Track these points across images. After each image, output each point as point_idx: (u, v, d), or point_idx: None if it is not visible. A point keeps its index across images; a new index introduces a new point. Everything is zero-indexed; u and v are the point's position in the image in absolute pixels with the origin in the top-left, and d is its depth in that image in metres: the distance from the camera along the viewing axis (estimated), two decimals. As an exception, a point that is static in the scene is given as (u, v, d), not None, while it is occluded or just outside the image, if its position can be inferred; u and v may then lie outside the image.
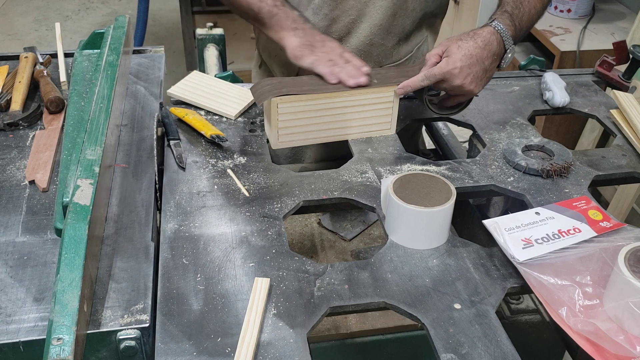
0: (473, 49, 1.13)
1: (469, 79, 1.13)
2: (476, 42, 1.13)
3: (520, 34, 1.21)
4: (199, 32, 2.22)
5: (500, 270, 0.93)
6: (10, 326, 0.82)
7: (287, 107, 1.14)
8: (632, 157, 1.21)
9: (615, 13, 2.80)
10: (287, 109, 1.14)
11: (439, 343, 0.81)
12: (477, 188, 1.11)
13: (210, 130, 1.19)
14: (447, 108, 1.25)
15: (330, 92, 1.15)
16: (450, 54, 1.13)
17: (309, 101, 1.15)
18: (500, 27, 1.15)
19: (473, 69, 1.13)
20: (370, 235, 1.42)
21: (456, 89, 1.15)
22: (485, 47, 1.13)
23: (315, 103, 1.15)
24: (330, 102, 1.16)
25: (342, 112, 1.18)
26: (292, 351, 0.79)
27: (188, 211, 1.03)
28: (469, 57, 1.12)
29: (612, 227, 0.96)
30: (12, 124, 1.22)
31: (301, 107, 1.15)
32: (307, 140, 1.20)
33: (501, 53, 1.17)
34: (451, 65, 1.12)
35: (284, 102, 1.13)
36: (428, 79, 1.14)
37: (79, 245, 0.82)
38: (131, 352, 0.82)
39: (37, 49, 1.45)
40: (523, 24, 1.21)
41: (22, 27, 4.39)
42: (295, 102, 1.14)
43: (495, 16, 1.18)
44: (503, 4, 1.22)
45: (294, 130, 1.18)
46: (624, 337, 0.80)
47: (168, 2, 4.56)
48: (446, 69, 1.12)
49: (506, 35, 1.15)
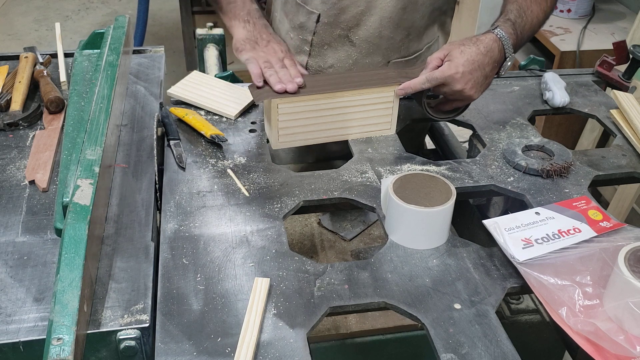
0: (475, 55, 1.13)
1: (469, 84, 1.13)
2: (478, 48, 1.13)
3: (521, 43, 1.22)
4: (199, 32, 2.22)
5: (500, 270, 0.93)
6: (10, 326, 0.82)
7: (287, 107, 1.14)
8: (632, 157, 1.21)
9: (615, 13, 2.80)
10: (287, 109, 1.15)
11: (439, 343, 0.81)
12: (477, 188, 1.11)
13: (210, 130, 1.19)
14: (444, 112, 1.25)
15: (329, 93, 1.15)
16: (453, 59, 1.13)
17: (309, 101, 1.15)
18: (502, 34, 1.15)
19: (474, 74, 1.13)
20: (370, 235, 1.42)
21: (456, 94, 1.15)
22: (487, 53, 1.14)
23: (315, 103, 1.15)
24: (330, 102, 1.16)
25: (343, 112, 1.18)
26: (292, 351, 0.79)
27: (188, 211, 1.03)
28: (471, 62, 1.12)
29: (612, 227, 0.96)
30: (12, 124, 1.22)
31: (301, 108, 1.15)
32: (307, 140, 1.20)
33: (501, 60, 1.17)
34: (453, 70, 1.12)
35: (284, 102, 1.13)
36: (429, 82, 1.14)
37: (79, 245, 0.82)
38: (131, 352, 0.82)
39: (37, 49, 1.45)
40: (524, 33, 1.21)
41: (22, 27, 4.39)
42: (295, 103, 1.14)
43: (498, 23, 1.18)
44: (507, 11, 1.21)
45: (294, 131, 1.18)
46: (624, 337, 0.80)
47: (168, 2, 4.56)
48: (448, 73, 1.12)
49: (507, 44, 1.15)
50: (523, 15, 1.20)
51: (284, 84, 1.15)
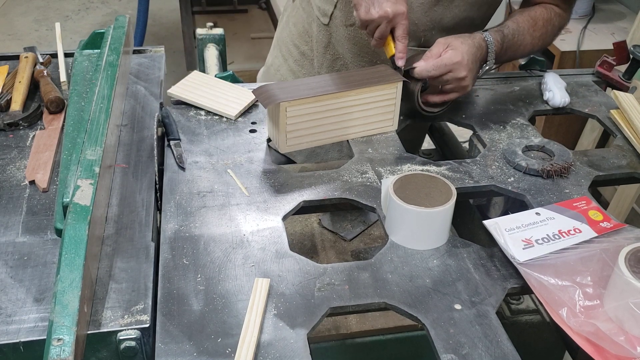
0: (472, 47, 1.19)
1: (472, 73, 1.18)
2: (473, 42, 1.19)
3: (501, 58, 1.27)
4: (199, 32, 2.22)
5: (501, 270, 0.93)
6: (10, 326, 0.82)
7: (295, 110, 1.14)
8: (632, 158, 1.21)
9: (615, 13, 2.80)
10: (295, 112, 1.14)
11: (439, 343, 0.81)
12: (478, 188, 1.11)
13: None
14: (432, 105, 1.27)
15: (335, 93, 1.15)
16: (456, 47, 1.16)
17: (315, 102, 1.15)
18: (490, 39, 1.22)
19: (474, 65, 1.18)
20: (370, 236, 1.42)
21: (456, 82, 1.18)
22: (478, 50, 1.20)
23: (322, 104, 1.15)
24: (336, 103, 1.16)
25: (348, 112, 1.19)
26: (292, 351, 0.79)
27: (188, 211, 1.03)
28: (471, 53, 1.18)
29: (613, 228, 0.96)
30: (12, 124, 1.22)
31: (308, 109, 1.15)
32: (313, 142, 1.20)
33: (483, 62, 1.23)
34: (459, 57, 1.15)
35: (292, 105, 1.13)
36: (436, 69, 1.16)
37: (79, 246, 0.82)
38: (131, 352, 0.82)
39: (37, 49, 1.45)
40: (508, 51, 1.27)
41: (22, 27, 4.39)
42: (302, 105, 1.14)
43: (490, 30, 1.24)
44: (504, 25, 1.27)
45: (301, 133, 1.18)
46: (625, 338, 0.80)
47: (168, 2, 4.56)
48: (455, 59, 1.15)
49: (492, 49, 1.22)
50: (516, 35, 1.27)
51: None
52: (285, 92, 1.13)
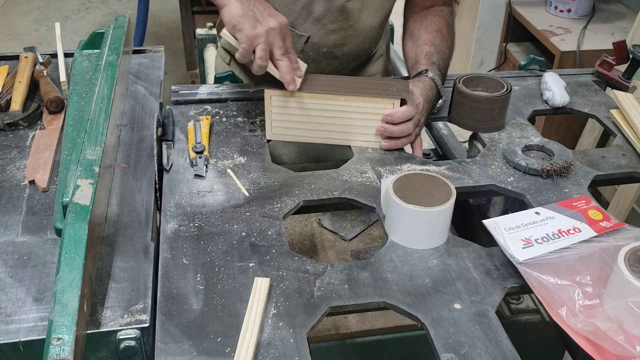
0: (423, 90, 1.22)
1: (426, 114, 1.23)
2: (424, 85, 1.23)
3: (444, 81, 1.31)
4: (199, 32, 2.22)
5: (500, 270, 0.93)
6: (10, 326, 0.82)
7: (279, 100, 1.17)
8: (632, 157, 1.21)
9: (615, 13, 2.80)
10: (279, 102, 1.17)
11: (439, 343, 0.81)
12: (477, 188, 1.11)
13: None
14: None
15: (325, 94, 1.15)
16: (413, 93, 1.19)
17: (303, 98, 1.16)
18: (435, 77, 1.25)
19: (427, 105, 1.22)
20: (370, 235, 1.42)
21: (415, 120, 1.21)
22: (430, 91, 1.24)
23: (310, 101, 1.16)
24: (326, 104, 1.16)
25: (338, 116, 1.18)
26: (292, 351, 0.79)
27: (188, 211, 1.03)
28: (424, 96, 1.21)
29: (612, 227, 0.96)
30: (12, 124, 1.22)
31: (292, 103, 1.17)
32: (299, 137, 1.22)
33: (436, 100, 1.27)
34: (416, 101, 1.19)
35: (276, 94, 1.16)
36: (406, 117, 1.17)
37: (79, 245, 0.82)
38: (131, 352, 0.82)
39: (37, 49, 1.45)
40: (446, 72, 1.32)
41: (22, 27, 4.39)
42: (286, 97, 1.16)
43: (427, 67, 1.26)
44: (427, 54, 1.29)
45: (286, 125, 1.20)
46: (624, 337, 0.80)
47: (168, 2, 4.56)
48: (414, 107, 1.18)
49: (440, 84, 1.26)
50: (443, 57, 1.31)
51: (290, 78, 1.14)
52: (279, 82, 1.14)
